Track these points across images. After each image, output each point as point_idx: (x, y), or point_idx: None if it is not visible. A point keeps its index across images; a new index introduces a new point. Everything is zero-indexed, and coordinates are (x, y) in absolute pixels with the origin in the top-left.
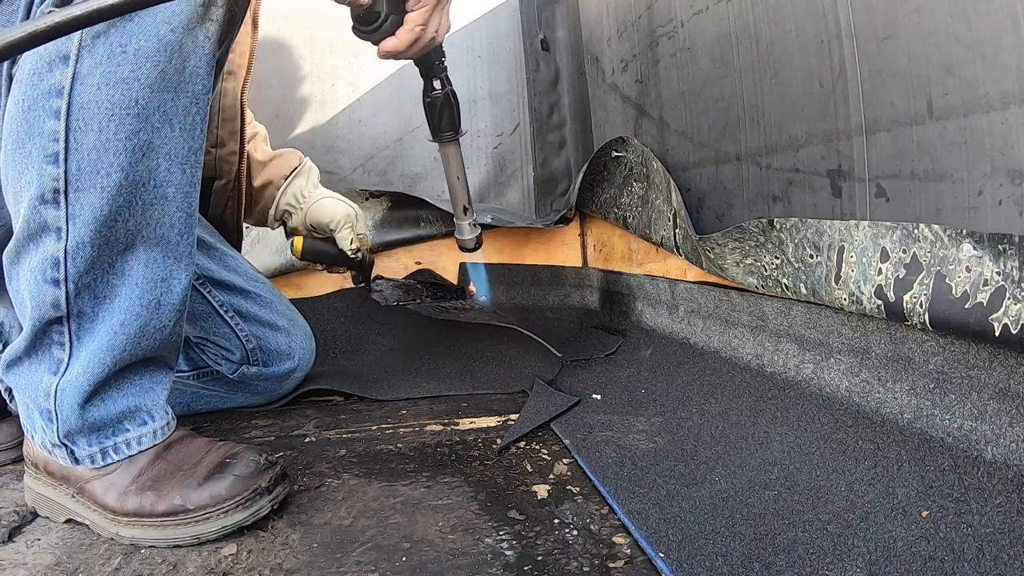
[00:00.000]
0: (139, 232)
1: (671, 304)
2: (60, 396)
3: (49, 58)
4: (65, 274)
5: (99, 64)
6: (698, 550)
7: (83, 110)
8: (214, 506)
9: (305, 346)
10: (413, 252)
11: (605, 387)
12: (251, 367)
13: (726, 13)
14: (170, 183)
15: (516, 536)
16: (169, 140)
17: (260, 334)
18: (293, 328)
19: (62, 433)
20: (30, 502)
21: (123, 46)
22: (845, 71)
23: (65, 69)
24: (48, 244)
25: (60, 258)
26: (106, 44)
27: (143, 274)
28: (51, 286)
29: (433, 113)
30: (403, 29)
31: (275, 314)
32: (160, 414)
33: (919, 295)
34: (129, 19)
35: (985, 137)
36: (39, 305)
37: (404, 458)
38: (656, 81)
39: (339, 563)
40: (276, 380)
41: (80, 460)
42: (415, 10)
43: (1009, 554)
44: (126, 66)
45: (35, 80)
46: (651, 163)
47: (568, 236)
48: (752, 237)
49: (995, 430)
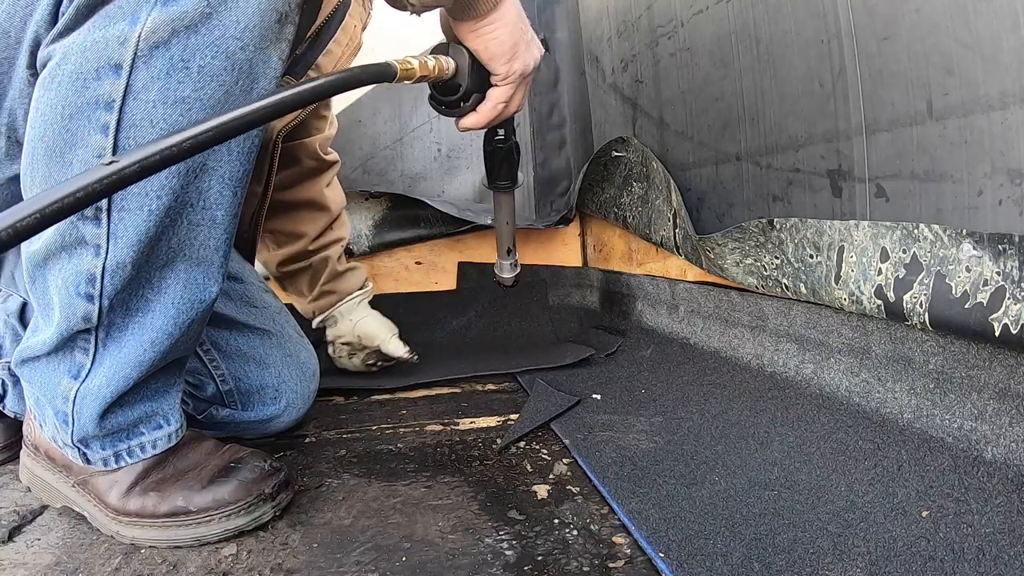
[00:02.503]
0: (181, 251)
1: (671, 304)
2: (79, 403)
3: (97, 63)
4: (101, 291)
5: (156, 79)
6: (698, 550)
7: (135, 128)
8: (216, 509)
9: (298, 389)
10: (413, 252)
11: (605, 387)
12: (221, 409)
13: (726, 13)
14: (220, 206)
15: (516, 536)
16: (224, 163)
17: (241, 373)
18: (287, 367)
19: (76, 437)
20: (25, 481)
21: (185, 61)
22: (845, 71)
23: (117, 80)
24: (84, 259)
25: (97, 275)
26: (166, 57)
27: (181, 294)
28: (84, 300)
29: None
30: (485, 106)
31: (267, 348)
32: (175, 417)
33: (919, 295)
34: (194, 31)
35: (985, 137)
36: (69, 317)
37: (404, 458)
38: (656, 81)
39: (339, 563)
40: (255, 424)
41: (92, 462)
42: (500, 86)
43: (1009, 554)
44: (188, 84)
45: (79, 85)
46: (651, 163)
47: (568, 236)
48: (752, 237)
49: (995, 430)
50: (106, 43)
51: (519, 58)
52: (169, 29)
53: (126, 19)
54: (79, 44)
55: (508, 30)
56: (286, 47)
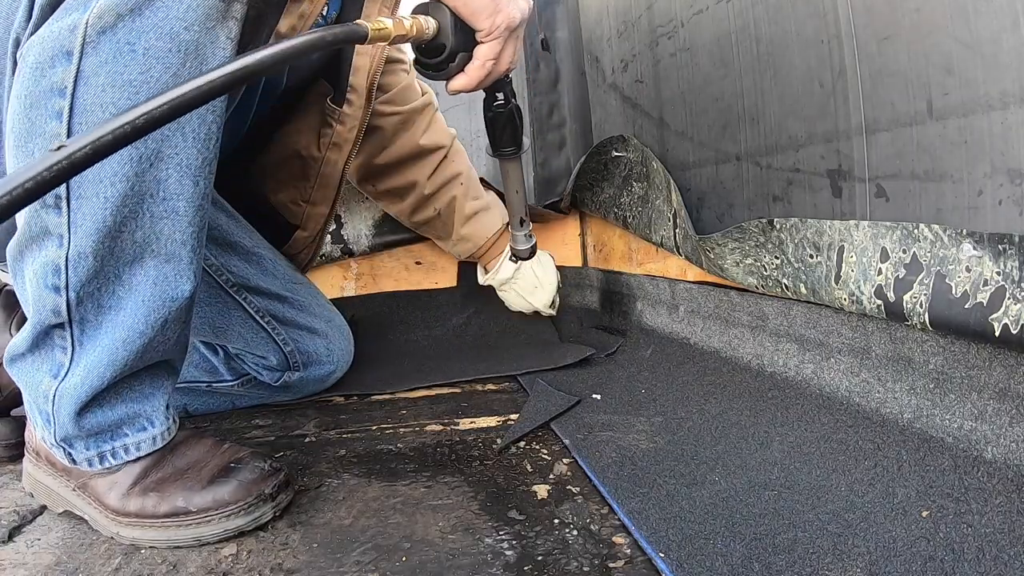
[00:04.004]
0: (147, 246)
1: (671, 304)
2: (58, 401)
3: (52, 51)
4: (66, 282)
5: (105, 63)
6: (698, 550)
7: (86, 113)
8: (216, 509)
9: (343, 348)
10: (413, 252)
11: (605, 387)
12: (293, 373)
13: (726, 13)
14: (181, 196)
15: (516, 536)
16: (181, 150)
17: (298, 337)
18: (331, 330)
19: (59, 437)
20: (27, 487)
21: (131, 44)
22: (845, 71)
23: (68, 66)
24: (49, 249)
25: (61, 265)
26: (113, 41)
27: (151, 291)
28: (52, 292)
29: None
30: (473, 66)
31: (312, 318)
32: (160, 419)
33: (919, 295)
34: (139, 13)
35: (985, 137)
36: (40, 309)
37: (404, 458)
38: (656, 81)
39: (339, 563)
40: (317, 382)
41: (78, 462)
42: (485, 42)
43: (1009, 554)
44: (134, 67)
45: (37, 75)
46: (651, 163)
47: (568, 236)
48: (752, 237)
49: (995, 430)
50: (60, 32)
51: (502, 11)
52: (114, 14)
53: (79, 8)
54: (39, 36)
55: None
56: (234, 25)
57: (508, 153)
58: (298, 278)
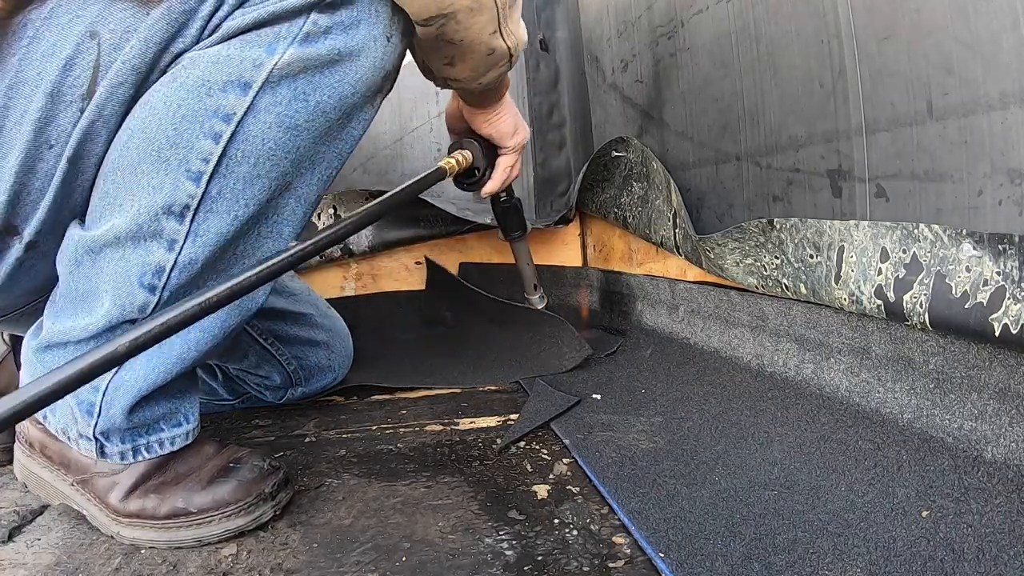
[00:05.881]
0: (243, 258)
1: (671, 304)
2: (111, 393)
3: (227, 76)
4: (165, 283)
5: (277, 104)
6: (698, 550)
7: (246, 143)
8: (216, 509)
9: (343, 352)
10: (413, 252)
11: (605, 387)
12: (295, 389)
13: (726, 13)
14: (290, 222)
15: (516, 536)
16: (305, 185)
17: (300, 354)
18: (331, 338)
19: (99, 429)
20: (19, 476)
21: (306, 95)
22: (845, 71)
23: (243, 97)
24: (155, 251)
25: (166, 268)
26: (291, 88)
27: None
28: (146, 291)
29: (505, 218)
30: (498, 173)
31: (314, 329)
32: (194, 416)
33: (919, 295)
34: (322, 71)
35: (985, 137)
36: (124, 305)
37: (404, 458)
38: (656, 81)
39: (339, 563)
40: (319, 391)
41: (109, 456)
42: (505, 154)
43: (1009, 554)
44: (303, 114)
45: (201, 92)
46: (651, 163)
47: (568, 236)
48: (752, 237)
49: (995, 430)
50: (240, 61)
51: (519, 132)
52: (301, 65)
53: (263, 46)
54: (211, 55)
55: (511, 114)
56: (381, 99)
57: (517, 236)
58: (296, 287)
